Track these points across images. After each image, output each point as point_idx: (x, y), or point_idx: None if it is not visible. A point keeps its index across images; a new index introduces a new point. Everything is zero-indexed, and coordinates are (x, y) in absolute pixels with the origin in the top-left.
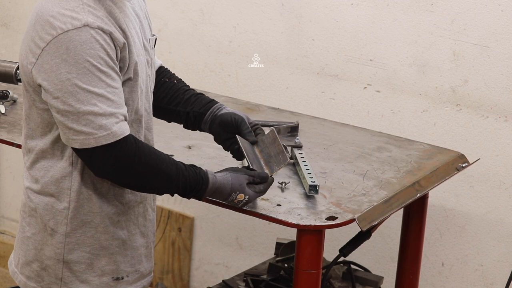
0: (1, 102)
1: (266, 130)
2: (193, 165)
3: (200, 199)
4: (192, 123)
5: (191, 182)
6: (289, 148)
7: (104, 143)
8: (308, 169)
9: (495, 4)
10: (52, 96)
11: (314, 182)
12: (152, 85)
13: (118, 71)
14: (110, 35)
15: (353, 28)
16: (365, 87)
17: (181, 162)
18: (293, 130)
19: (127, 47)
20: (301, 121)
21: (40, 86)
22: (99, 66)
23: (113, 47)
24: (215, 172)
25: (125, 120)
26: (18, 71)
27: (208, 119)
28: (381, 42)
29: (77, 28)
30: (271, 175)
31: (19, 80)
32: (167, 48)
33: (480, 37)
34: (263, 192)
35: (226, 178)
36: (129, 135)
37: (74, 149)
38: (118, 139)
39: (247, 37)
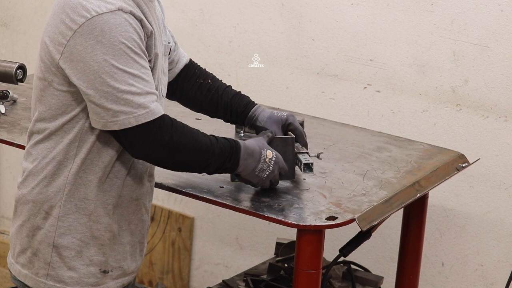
0: (1, 102)
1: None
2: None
3: (236, 167)
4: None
5: (226, 148)
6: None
7: (144, 121)
8: (302, 152)
9: (495, 4)
10: (87, 78)
11: (308, 160)
12: (164, 90)
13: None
14: (141, 22)
15: (353, 28)
16: (365, 87)
17: (211, 134)
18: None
19: (153, 37)
20: None
21: (62, 68)
22: (133, 48)
23: (143, 33)
24: None
25: (157, 100)
26: (18, 71)
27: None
28: (381, 42)
29: (112, 12)
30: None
31: (19, 80)
32: None
33: (480, 37)
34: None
35: (249, 141)
36: (165, 113)
37: (112, 133)
38: (156, 117)
39: (247, 37)
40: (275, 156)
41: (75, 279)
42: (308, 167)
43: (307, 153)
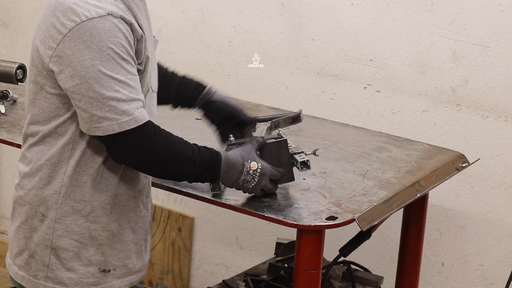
0: (1, 102)
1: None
2: (204, 146)
3: (216, 179)
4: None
5: (206, 159)
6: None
7: (127, 128)
8: (298, 152)
9: (495, 4)
10: (74, 83)
11: (304, 158)
12: (155, 86)
13: (136, 60)
14: (131, 26)
15: (353, 28)
16: (365, 87)
17: (194, 144)
18: (295, 120)
19: (143, 41)
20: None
21: (53, 71)
22: (121, 54)
23: (133, 37)
24: None
25: (143, 106)
26: (18, 71)
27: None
28: (381, 42)
29: (101, 16)
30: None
31: (19, 80)
32: (167, 48)
33: (480, 37)
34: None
35: (233, 152)
36: (149, 120)
37: (97, 137)
38: (140, 124)
39: (247, 37)
40: (260, 167)
41: (74, 280)
42: (305, 165)
43: (302, 152)
